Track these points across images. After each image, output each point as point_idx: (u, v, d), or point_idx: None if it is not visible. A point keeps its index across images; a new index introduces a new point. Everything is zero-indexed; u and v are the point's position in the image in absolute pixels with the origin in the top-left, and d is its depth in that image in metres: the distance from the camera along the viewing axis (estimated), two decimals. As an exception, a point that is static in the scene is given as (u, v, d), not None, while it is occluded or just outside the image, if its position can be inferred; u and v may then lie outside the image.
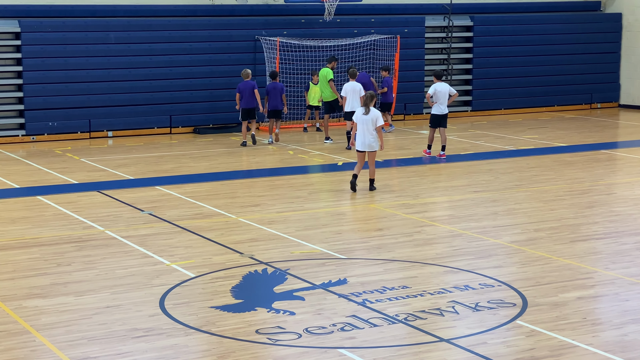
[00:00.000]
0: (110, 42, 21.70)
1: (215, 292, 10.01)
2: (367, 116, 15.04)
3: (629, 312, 9.27)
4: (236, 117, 22.80)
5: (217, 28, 22.74)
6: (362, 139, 15.14)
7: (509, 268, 11.01)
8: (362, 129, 15.11)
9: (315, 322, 8.98)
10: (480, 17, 25.72)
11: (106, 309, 9.46)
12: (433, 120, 18.70)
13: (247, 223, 13.24)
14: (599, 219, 13.42)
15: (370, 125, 15.03)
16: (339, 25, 23.72)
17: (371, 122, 15.02)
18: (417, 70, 24.77)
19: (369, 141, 15.08)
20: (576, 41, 26.63)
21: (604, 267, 10.91)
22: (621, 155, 19.52)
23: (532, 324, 8.90)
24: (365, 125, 15.07)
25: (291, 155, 19.28)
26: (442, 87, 18.58)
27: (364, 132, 15.10)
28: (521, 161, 18.38)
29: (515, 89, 26.10)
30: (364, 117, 15.08)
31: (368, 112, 15.04)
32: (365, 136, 15.08)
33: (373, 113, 15.05)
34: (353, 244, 12.04)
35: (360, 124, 15.13)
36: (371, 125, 15.02)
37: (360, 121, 15.13)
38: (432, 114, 18.76)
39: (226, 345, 8.45)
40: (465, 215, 13.67)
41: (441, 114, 18.58)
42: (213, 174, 17.23)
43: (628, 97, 27.19)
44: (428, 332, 8.71)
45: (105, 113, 21.76)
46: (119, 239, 12.35)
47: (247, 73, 20.24)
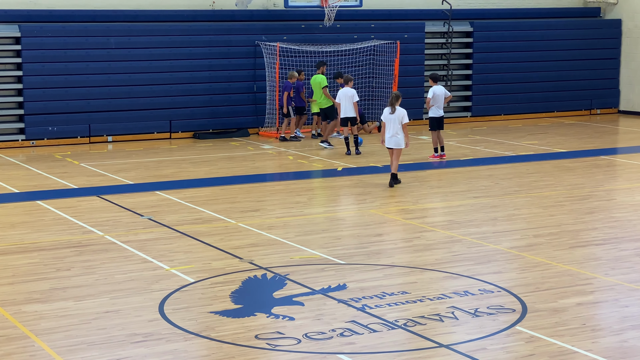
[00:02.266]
0: (110, 47, 21.72)
1: (215, 297, 10.00)
2: (394, 115, 15.93)
3: (629, 318, 9.26)
4: (235, 122, 22.85)
5: (217, 33, 22.77)
6: (389, 137, 16.09)
7: (508, 274, 11.01)
8: (389, 127, 16.02)
9: (314, 328, 8.98)
10: (480, 23, 25.75)
11: (105, 314, 9.46)
12: (433, 123, 18.90)
13: (247, 228, 13.24)
14: (599, 224, 13.42)
15: (397, 123, 15.92)
16: (339, 31, 23.74)
17: (397, 121, 15.92)
18: (417, 75, 24.79)
19: (395, 139, 15.99)
20: (576, 47, 26.65)
21: (604, 273, 10.91)
22: (621, 161, 19.52)
23: (531, 329, 8.90)
24: (392, 124, 15.97)
25: (291, 161, 19.29)
26: (439, 89, 18.88)
27: (391, 131, 16.03)
28: (521, 167, 18.39)
29: (515, 95, 26.13)
30: (390, 116, 15.98)
31: (394, 111, 15.93)
32: (393, 134, 16.02)
33: (399, 112, 15.98)
34: (352, 250, 12.04)
35: (387, 123, 16.03)
36: (398, 123, 15.92)
37: (387, 120, 16.03)
38: (431, 117, 18.95)
39: (225, 351, 8.44)
40: (464, 221, 13.67)
41: (439, 117, 18.87)
42: (213, 179, 17.23)
43: (628, 103, 27.21)
44: (427, 337, 8.71)
45: (105, 118, 21.77)
46: (118, 244, 12.34)
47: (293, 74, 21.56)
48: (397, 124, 15.93)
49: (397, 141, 15.98)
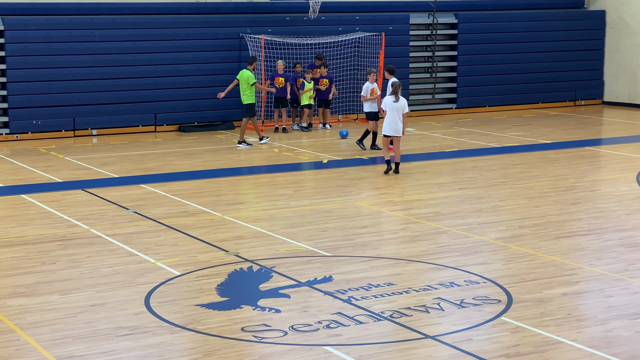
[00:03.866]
0: (94, 40, 21.63)
1: (201, 290, 10.00)
2: (398, 104, 16.27)
3: (613, 308, 9.31)
4: (220, 115, 22.82)
5: (202, 26, 22.71)
6: (390, 125, 16.35)
7: (494, 265, 11.04)
8: (392, 115, 16.30)
9: (300, 320, 8.98)
10: (464, 14, 25.77)
11: (91, 308, 9.44)
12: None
13: (233, 221, 13.23)
14: (583, 215, 13.48)
15: (400, 112, 16.29)
16: (324, 23, 23.72)
17: (401, 109, 16.30)
18: (402, 67, 24.76)
19: (397, 127, 16.33)
20: (560, 38, 26.72)
21: (589, 264, 10.95)
22: (605, 152, 19.61)
23: (517, 320, 8.93)
24: (395, 112, 16.27)
25: (276, 153, 19.28)
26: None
27: (393, 119, 16.30)
28: (506, 158, 18.44)
29: (499, 86, 26.17)
30: (394, 104, 16.29)
31: (398, 100, 16.27)
32: (395, 122, 16.31)
33: (402, 101, 16.36)
34: (338, 242, 12.05)
35: (390, 111, 16.31)
36: (400, 112, 16.29)
37: (390, 108, 16.32)
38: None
39: (212, 343, 8.44)
40: (450, 213, 13.70)
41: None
42: (198, 172, 17.20)
43: (612, 94, 27.31)
44: (413, 329, 8.73)
45: (90, 111, 21.69)
46: (103, 237, 12.31)
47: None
48: (400, 113, 16.28)
49: (397, 129, 16.31)
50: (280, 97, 21.99)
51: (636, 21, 26.37)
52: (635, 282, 10.17)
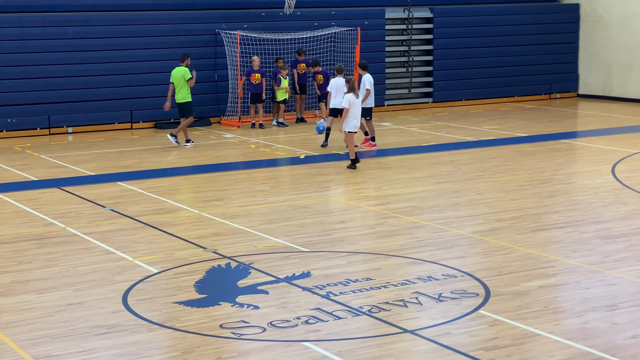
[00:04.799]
0: (69, 37, 21.49)
1: (179, 288, 9.97)
2: (359, 99, 16.47)
3: (590, 300, 9.37)
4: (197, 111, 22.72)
5: (177, 22, 22.63)
6: (354, 122, 16.43)
7: (471, 258, 11.08)
8: (354, 111, 16.36)
9: (279, 316, 8.98)
10: (439, 8, 25.82)
11: (68, 307, 9.39)
12: (368, 112, 18.51)
13: (210, 217, 13.20)
14: (560, 208, 13.55)
15: (360, 107, 16.55)
16: (300, 18, 23.70)
17: (360, 105, 16.56)
18: (378, 62, 24.81)
19: (358, 122, 16.58)
20: (535, 32, 26.83)
21: (565, 256, 11.02)
22: (580, 144, 19.72)
23: (494, 313, 8.97)
24: (357, 108, 16.42)
25: (253, 149, 19.25)
26: (371, 78, 18.61)
27: (355, 115, 16.38)
28: (482, 152, 18.50)
29: (475, 80, 26.25)
30: (357, 100, 16.40)
31: (358, 96, 16.41)
32: (357, 119, 16.48)
33: (360, 96, 16.73)
34: (316, 237, 12.06)
35: (352, 108, 16.33)
36: (360, 107, 16.54)
37: (353, 105, 16.34)
38: (368, 107, 18.40)
39: (190, 341, 8.42)
40: (427, 207, 13.73)
41: (373, 106, 18.80)
42: (175, 169, 17.15)
43: (586, 87, 27.46)
44: (392, 323, 8.75)
45: (65, 109, 21.56)
46: (80, 236, 12.25)
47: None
48: (360, 108, 16.47)
49: (357, 125, 16.53)
50: (256, 93, 21.96)
51: (609, 14, 26.53)
52: (611, 274, 10.24)
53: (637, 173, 15.98)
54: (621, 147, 18.55)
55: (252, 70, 21.89)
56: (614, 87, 26.68)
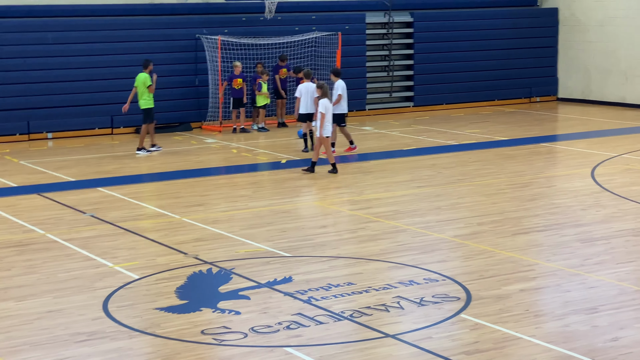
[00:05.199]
0: (48, 42, 21.40)
1: (160, 294, 9.93)
2: (331, 104, 16.55)
3: (570, 303, 9.40)
4: (177, 116, 22.70)
5: (157, 27, 22.58)
6: (330, 127, 16.47)
7: (452, 262, 11.10)
8: (329, 116, 16.40)
9: (261, 321, 8.96)
10: (420, 13, 25.89)
11: (48, 314, 9.33)
12: (341, 118, 18.42)
13: (191, 223, 13.16)
14: (540, 211, 13.60)
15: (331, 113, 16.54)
16: (280, 23, 23.70)
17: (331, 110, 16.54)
18: (359, 67, 24.86)
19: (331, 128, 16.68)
20: (514, 36, 26.95)
21: (546, 259, 11.06)
22: (560, 148, 19.80)
23: (476, 317, 8.98)
24: (331, 114, 16.49)
25: (234, 154, 19.22)
26: (343, 84, 18.51)
27: (330, 120, 16.45)
28: (463, 155, 18.55)
29: (456, 84, 26.33)
30: (330, 105, 16.47)
31: (331, 101, 16.67)
32: (331, 123, 16.56)
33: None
34: (298, 242, 12.04)
35: (328, 113, 16.34)
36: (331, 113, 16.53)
37: (328, 110, 16.36)
38: (340, 113, 18.28)
39: (171, 347, 8.39)
40: (409, 211, 13.75)
41: (346, 112, 18.70)
42: (156, 174, 17.10)
43: (566, 91, 27.60)
44: (374, 328, 8.75)
45: (45, 114, 21.46)
46: (60, 242, 12.19)
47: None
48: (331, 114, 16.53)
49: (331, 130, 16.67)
50: (238, 98, 21.95)
51: (588, 18, 26.68)
52: (591, 277, 10.28)
53: (616, 176, 16.07)
54: (600, 150, 18.65)
55: (233, 76, 21.87)
56: (593, 90, 26.83)
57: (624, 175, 16.13)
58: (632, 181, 15.61)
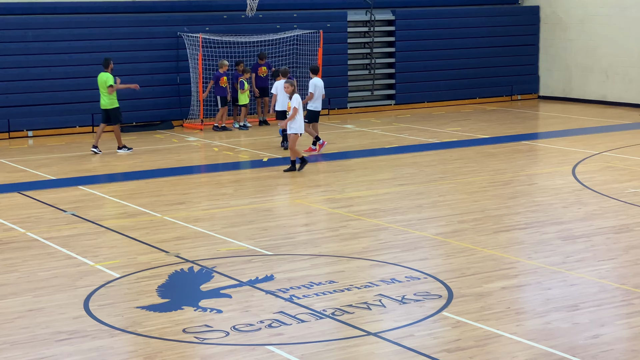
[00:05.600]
0: (28, 40, 21.28)
1: (141, 292, 9.90)
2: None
3: (551, 300, 9.44)
4: (159, 114, 22.63)
5: (138, 25, 22.50)
6: (301, 123, 16.47)
7: (434, 260, 11.12)
8: (301, 112, 16.46)
9: (242, 320, 8.95)
10: (401, 11, 25.92)
11: (29, 312, 9.28)
12: (313, 116, 18.51)
13: (173, 221, 13.13)
14: (521, 209, 13.64)
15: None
16: (262, 21, 23.66)
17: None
18: (341, 65, 24.86)
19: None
20: (496, 34, 27.02)
21: (527, 257, 11.09)
22: (541, 146, 19.87)
23: (457, 315, 9.00)
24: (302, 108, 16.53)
25: (216, 152, 19.18)
26: (320, 82, 18.56)
27: (302, 115, 16.50)
28: (445, 153, 18.58)
29: (437, 82, 26.38)
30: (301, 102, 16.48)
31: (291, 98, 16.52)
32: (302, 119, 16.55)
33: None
34: (279, 240, 12.03)
35: (301, 108, 16.39)
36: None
37: (301, 106, 16.42)
38: (310, 110, 18.51)
39: (153, 346, 8.36)
40: (390, 209, 13.76)
41: (318, 110, 18.66)
42: (137, 173, 17.03)
43: (547, 89, 27.71)
44: (356, 326, 8.75)
45: (25, 112, 21.34)
46: (41, 241, 12.13)
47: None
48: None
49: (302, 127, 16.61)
50: (224, 96, 21.92)
51: (569, 16, 26.79)
52: (572, 275, 10.32)
53: (597, 174, 16.14)
54: (581, 148, 18.73)
55: (220, 74, 21.77)
56: (574, 88, 26.94)
57: (605, 173, 16.20)
58: (613, 179, 15.68)
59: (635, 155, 17.93)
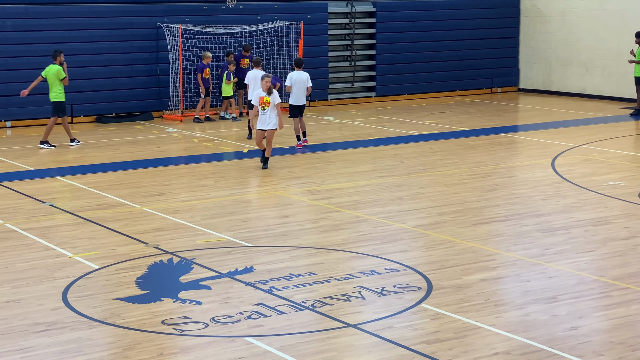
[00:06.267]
0: (7, 30, 21.13)
1: (120, 284, 9.86)
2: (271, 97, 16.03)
3: (530, 292, 9.47)
4: (138, 105, 22.54)
5: (117, 15, 22.37)
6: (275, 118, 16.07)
7: (414, 252, 11.13)
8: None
9: (222, 311, 8.93)
10: (382, 3, 25.91)
11: (6, 304, 9.23)
12: (293, 110, 18.29)
13: (152, 213, 13.08)
14: (501, 201, 13.68)
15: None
16: (242, 12, 23.59)
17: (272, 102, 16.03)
18: (321, 56, 24.83)
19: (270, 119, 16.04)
20: (476, 26, 27.07)
21: (506, 249, 11.13)
22: (521, 138, 19.94)
23: (436, 306, 9.02)
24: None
25: (196, 144, 19.12)
26: (295, 75, 18.19)
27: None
28: (425, 146, 18.61)
29: (418, 74, 26.40)
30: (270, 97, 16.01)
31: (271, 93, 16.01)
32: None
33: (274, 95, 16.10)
34: (259, 232, 12.01)
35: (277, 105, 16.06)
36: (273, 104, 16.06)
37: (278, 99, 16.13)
38: (291, 105, 18.29)
39: (131, 337, 8.33)
40: (370, 201, 13.77)
41: (301, 104, 18.25)
42: (116, 164, 16.95)
43: (527, 82, 27.80)
44: (335, 317, 8.75)
45: (3, 103, 21.19)
46: (19, 232, 12.05)
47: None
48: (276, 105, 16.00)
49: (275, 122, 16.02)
50: (206, 87, 21.88)
51: (549, 9, 26.86)
52: (551, 267, 10.37)
53: (576, 166, 16.21)
54: (561, 141, 18.80)
55: (204, 66, 21.72)
56: (554, 81, 27.04)
57: (584, 166, 16.28)
58: (591, 171, 15.76)
59: (614, 148, 18.02)
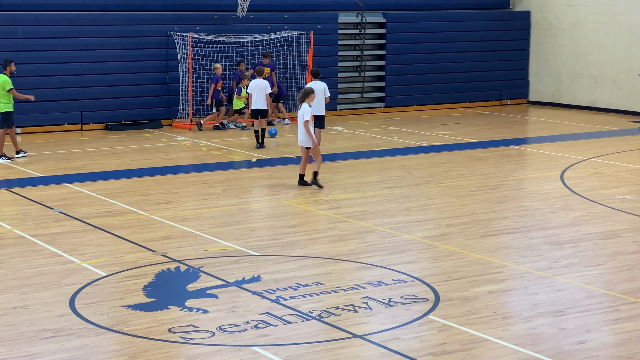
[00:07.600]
0: (18, 37, 21.21)
1: (127, 291, 9.87)
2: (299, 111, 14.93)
3: (538, 305, 9.45)
4: (148, 113, 22.58)
5: (128, 23, 22.44)
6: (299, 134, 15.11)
7: (421, 263, 11.12)
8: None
9: (228, 320, 8.93)
10: (392, 14, 25.93)
11: (14, 310, 9.24)
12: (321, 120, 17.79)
13: (160, 220, 13.09)
14: (509, 213, 13.66)
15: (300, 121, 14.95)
16: (252, 21, 23.64)
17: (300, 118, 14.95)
18: (331, 66, 24.85)
19: (300, 137, 15.04)
20: (486, 38, 27.07)
21: (514, 262, 11.10)
22: (530, 150, 19.91)
23: (444, 318, 9.00)
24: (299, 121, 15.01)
25: (205, 152, 19.15)
26: (317, 85, 17.39)
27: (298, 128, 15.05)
28: (434, 157, 18.60)
29: (427, 86, 26.40)
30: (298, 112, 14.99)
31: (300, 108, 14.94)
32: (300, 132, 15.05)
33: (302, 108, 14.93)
34: (267, 241, 12.01)
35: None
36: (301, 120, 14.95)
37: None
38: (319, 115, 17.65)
39: (138, 345, 8.33)
40: (378, 211, 13.76)
41: (320, 114, 17.63)
42: (125, 171, 16.98)
43: (536, 94, 27.77)
44: (342, 328, 8.74)
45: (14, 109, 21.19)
46: (27, 238, 12.07)
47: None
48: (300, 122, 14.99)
49: (301, 139, 15.13)
50: (219, 99, 22.00)
51: (559, 22, 26.86)
52: (559, 280, 10.34)
53: (585, 179, 16.18)
54: (570, 154, 18.77)
55: (219, 77, 21.84)
56: (563, 94, 27.01)
57: (593, 179, 16.24)
58: (600, 185, 15.72)
59: (624, 161, 17.98)
